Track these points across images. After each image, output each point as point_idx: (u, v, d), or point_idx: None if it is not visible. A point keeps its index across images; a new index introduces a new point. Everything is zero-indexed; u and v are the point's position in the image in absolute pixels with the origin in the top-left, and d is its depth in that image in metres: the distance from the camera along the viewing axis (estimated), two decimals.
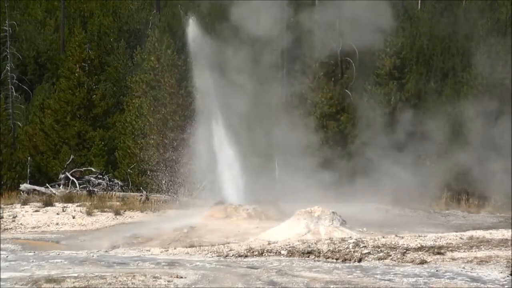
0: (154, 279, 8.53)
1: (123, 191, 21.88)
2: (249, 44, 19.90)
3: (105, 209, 18.61)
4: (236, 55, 19.30)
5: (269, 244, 11.19)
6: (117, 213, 18.30)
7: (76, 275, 8.73)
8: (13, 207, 18.90)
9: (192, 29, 18.98)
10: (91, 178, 22.40)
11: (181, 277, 8.72)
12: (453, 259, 10.10)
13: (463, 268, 9.53)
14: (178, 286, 8.35)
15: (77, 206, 18.99)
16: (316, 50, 24.29)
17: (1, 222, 17.25)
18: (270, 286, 8.50)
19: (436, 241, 11.07)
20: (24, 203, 19.26)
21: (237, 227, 15.68)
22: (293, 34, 23.78)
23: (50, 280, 8.38)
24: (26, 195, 21.01)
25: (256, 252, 10.76)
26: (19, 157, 25.31)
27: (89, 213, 18.13)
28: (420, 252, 10.42)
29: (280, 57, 23.85)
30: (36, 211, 18.42)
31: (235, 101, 18.45)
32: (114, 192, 21.42)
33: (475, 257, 10.07)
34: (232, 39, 19.53)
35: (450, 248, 10.62)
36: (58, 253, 11.38)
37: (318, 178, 20.03)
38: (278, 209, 16.88)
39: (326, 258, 10.41)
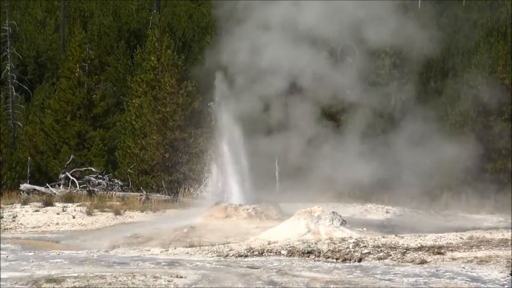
0: (154, 279, 8.53)
1: (123, 191, 21.86)
2: None
3: (105, 209, 18.60)
4: None
5: (269, 244, 11.20)
6: (117, 213, 18.30)
7: (76, 275, 8.73)
8: (13, 207, 18.89)
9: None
10: (91, 178, 22.38)
11: (181, 277, 8.72)
12: (453, 259, 10.10)
13: (463, 268, 9.54)
14: (178, 286, 8.35)
15: (77, 206, 18.98)
16: None
17: (1, 222, 17.25)
18: (270, 286, 8.50)
19: (436, 241, 11.08)
20: (24, 203, 19.25)
21: (237, 227, 15.68)
22: None
23: (50, 280, 8.39)
24: (26, 195, 20.99)
25: (256, 252, 10.76)
26: (19, 157, 25.29)
27: (89, 213, 18.13)
28: (420, 252, 10.43)
29: None
30: (36, 211, 18.42)
31: None
32: (114, 192, 21.39)
33: (475, 257, 10.08)
34: None
35: (450, 248, 10.63)
36: (58, 253, 11.39)
37: None
38: (278, 209, 16.88)
39: (326, 258, 10.42)
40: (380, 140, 21.17)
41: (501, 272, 9.22)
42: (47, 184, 22.18)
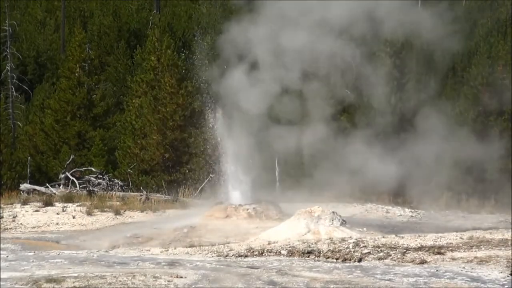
0: (154, 279, 8.53)
1: (123, 191, 21.87)
2: None
3: (105, 209, 18.61)
4: None
5: (269, 244, 11.19)
6: (117, 213, 18.30)
7: (76, 275, 8.73)
8: (13, 207, 18.90)
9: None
10: (91, 178, 22.39)
11: (181, 277, 8.72)
12: (453, 259, 10.10)
13: (463, 268, 9.53)
14: (178, 286, 8.34)
15: (77, 206, 18.99)
16: None
17: (1, 222, 17.25)
18: (270, 286, 8.50)
19: (436, 241, 11.07)
20: (24, 203, 19.25)
21: (237, 227, 15.68)
22: None
23: (50, 280, 8.39)
24: (26, 195, 21.00)
25: (256, 252, 10.75)
26: (19, 157, 25.30)
27: (89, 213, 18.13)
28: (420, 252, 10.42)
29: None
30: (36, 211, 18.42)
31: None
32: (114, 192, 21.40)
33: (475, 257, 10.07)
34: None
35: (450, 248, 10.62)
36: (58, 253, 11.38)
37: None
38: (278, 209, 16.88)
39: (326, 258, 10.41)
40: (382, 140, 21.17)
41: (501, 272, 9.21)
42: (47, 184, 22.19)
